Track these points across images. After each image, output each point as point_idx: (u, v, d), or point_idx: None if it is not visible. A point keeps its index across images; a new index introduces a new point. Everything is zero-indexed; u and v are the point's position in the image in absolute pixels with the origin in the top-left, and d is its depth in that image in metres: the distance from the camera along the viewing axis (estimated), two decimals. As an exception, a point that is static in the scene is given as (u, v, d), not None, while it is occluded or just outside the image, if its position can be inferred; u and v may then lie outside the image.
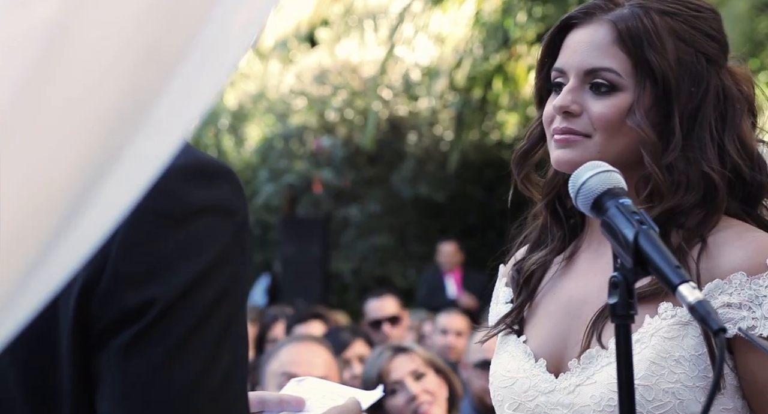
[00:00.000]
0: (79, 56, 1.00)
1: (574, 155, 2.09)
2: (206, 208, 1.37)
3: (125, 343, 1.33)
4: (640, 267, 1.71)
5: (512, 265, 2.29)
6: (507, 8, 11.54)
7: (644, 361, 2.01)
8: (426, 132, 14.48)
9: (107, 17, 1.01)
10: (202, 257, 1.36)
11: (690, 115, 2.09)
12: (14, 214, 0.99)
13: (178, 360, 1.34)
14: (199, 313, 1.35)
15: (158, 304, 1.33)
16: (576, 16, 2.15)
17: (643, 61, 2.07)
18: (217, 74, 1.10)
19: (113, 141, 1.03)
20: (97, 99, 1.01)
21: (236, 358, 1.39)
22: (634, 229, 1.72)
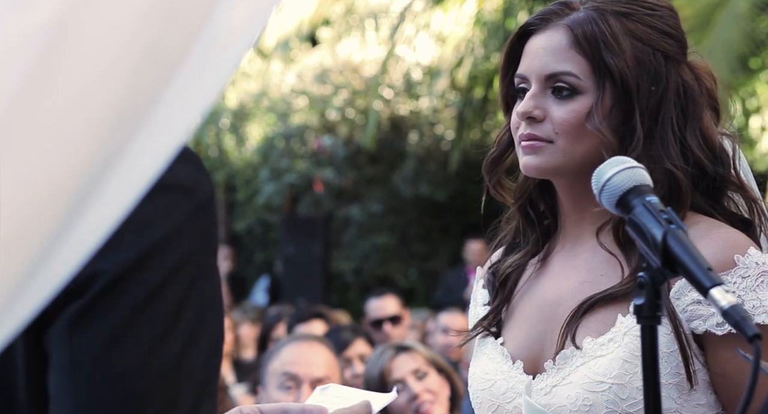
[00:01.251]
0: (80, 56, 1.00)
1: (540, 161, 2.12)
2: (166, 185, 1.32)
3: (71, 317, 1.30)
4: (668, 267, 1.67)
5: (488, 268, 2.33)
6: (508, 7, 11.54)
7: (617, 359, 2.03)
8: (427, 131, 14.49)
9: (108, 17, 1.01)
10: (153, 232, 1.32)
11: (651, 114, 2.11)
12: (14, 214, 0.99)
13: (126, 335, 1.30)
14: (149, 288, 1.31)
15: (104, 276, 1.29)
16: (533, 22, 2.18)
17: (601, 64, 2.10)
18: (219, 73, 1.09)
19: (114, 141, 1.03)
20: (97, 99, 1.01)
21: (193, 341, 1.34)
22: (662, 229, 1.68)
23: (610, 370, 2.03)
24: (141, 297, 1.31)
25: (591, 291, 2.12)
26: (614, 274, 2.11)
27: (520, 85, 2.18)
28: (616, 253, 2.11)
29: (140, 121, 1.04)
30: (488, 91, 12.71)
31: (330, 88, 14.73)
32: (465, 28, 12.59)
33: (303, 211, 15.02)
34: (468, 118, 12.88)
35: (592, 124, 2.09)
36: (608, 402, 2.02)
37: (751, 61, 9.87)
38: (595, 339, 2.07)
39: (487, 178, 2.29)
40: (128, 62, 1.02)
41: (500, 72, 2.25)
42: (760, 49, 9.61)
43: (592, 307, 2.10)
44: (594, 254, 2.16)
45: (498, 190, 2.28)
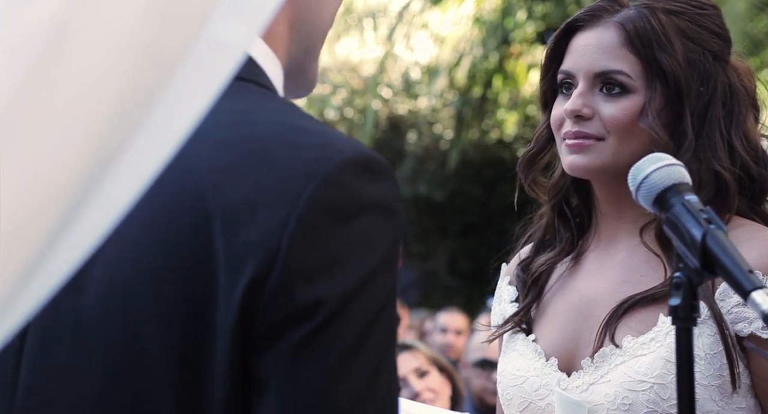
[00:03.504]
0: (80, 55, 1.00)
1: (588, 160, 2.09)
2: (373, 204, 1.28)
3: (295, 345, 1.22)
4: (707, 268, 1.63)
5: (517, 264, 2.29)
6: (506, 7, 11.54)
7: (659, 359, 2.01)
8: (426, 131, 14.49)
9: (107, 16, 1.01)
10: (372, 255, 1.26)
11: (700, 115, 2.08)
12: (14, 213, 0.99)
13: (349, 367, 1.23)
14: (368, 317, 1.24)
15: (330, 302, 1.22)
16: (582, 18, 2.13)
17: (653, 63, 2.06)
18: (218, 74, 1.09)
19: (113, 140, 1.03)
20: (97, 98, 1.01)
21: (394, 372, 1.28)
22: (702, 229, 1.63)
23: (651, 370, 2.00)
24: (363, 325, 1.24)
25: (630, 291, 2.09)
26: (654, 274, 2.09)
27: (564, 82, 2.14)
28: (660, 254, 2.08)
29: (139, 120, 1.04)
30: (486, 91, 12.71)
31: (328, 87, 14.73)
32: (463, 28, 12.59)
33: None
34: (466, 117, 12.88)
35: (645, 121, 2.05)
36: (649, 401, 2.00)
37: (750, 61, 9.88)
38: (635, 338, 2.04)
39: (523, 176, 2.22)
40: (128, 62, 1.01)
41: (542, 67, 2.20)
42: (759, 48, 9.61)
43: (632, 306, 2.07)
44: (633, 254, 2.13)
45: (533, 188, 2.23)
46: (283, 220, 1.22)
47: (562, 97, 2.13)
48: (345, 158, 1.26)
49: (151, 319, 1.27)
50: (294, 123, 1.31)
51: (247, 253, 1.22)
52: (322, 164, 1.24)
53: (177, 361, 1.27)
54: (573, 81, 2.12)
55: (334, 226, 1.25)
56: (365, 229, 1.27)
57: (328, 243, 1.24)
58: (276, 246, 1.22)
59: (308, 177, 1.24)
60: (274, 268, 1.22)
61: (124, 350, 1.30)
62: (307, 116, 1.34)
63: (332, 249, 1.24)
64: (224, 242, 1.23)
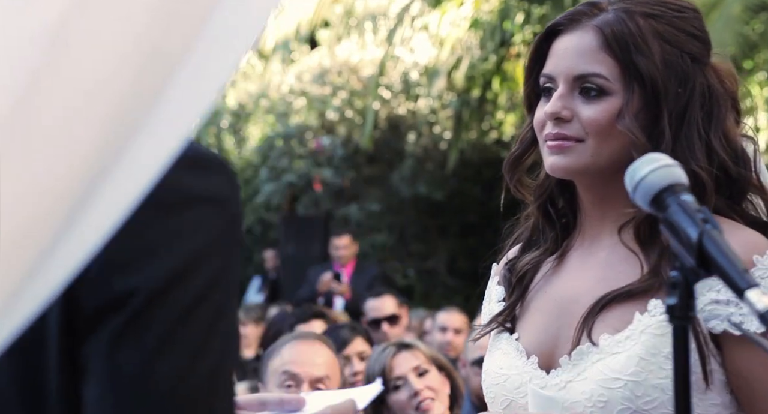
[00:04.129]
0: (81, 59, 1.00)
1: (568, 161, 2.12)
2: (199, 197, 1.34)
3: (112, 331, 1.29)
4: (703, 268, 1.63)
5: (504, 265, 2.31)
6: (504, 9, 11.54)
7: (634, 357, 2.03)
8: (425, 131, 14.47)
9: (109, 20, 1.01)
10: (191, 246, 1.32)
11: (678, 116, 2.10)
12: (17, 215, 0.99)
13: (167, 350, 1.30)
14: (187, 303, 1.31)
15: (144, 290, 1.29)
16: (561, 22, 2.16)
17: (630, 65, 2.09)
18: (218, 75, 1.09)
19: (115, 143, 1.03)
20: (98, 101, 1.01)
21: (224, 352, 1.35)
22: (698, 229, 1.64)
23: (626, 367, 2.02)
24: (180, 311, 1.30)
25: (608, 288, 2.11)
26: (632, 271, 2.11)
27: (545, 85, 2.17)
28: (637, 252, 2.10)
29: (141, 122, 1.04)
30: (485, 92, 12.70)
31: (329, 88, 14.71)
32: (462, 30, 12.58)
33: (302, 211, 14.99)
34: (465, 118, 12.87)
35: (623, 123, 2.08)
36: (624, 399, 2.02)
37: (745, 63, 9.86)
38: (611, 336, 2.06)
39: (508, 176, 2.25)
40: (130, 64, 1.02)
41: (525, 71, 2.23)
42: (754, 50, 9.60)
43: (609, 303, 2.09)
44: (612, 252, 2.15)
45: (518, 189, 2.26)
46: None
47: (545, 100, 2.16)
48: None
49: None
50: None
51: None
52: None
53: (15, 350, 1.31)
54: (554, 84, 2.15)
55: (155, 219, 1.30)
56: (189, 220, 1.31)
57: (149, 234, 1.30)
58: None
59: None
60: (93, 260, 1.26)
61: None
62: None
63: (152, 240, 1.30)
64: None
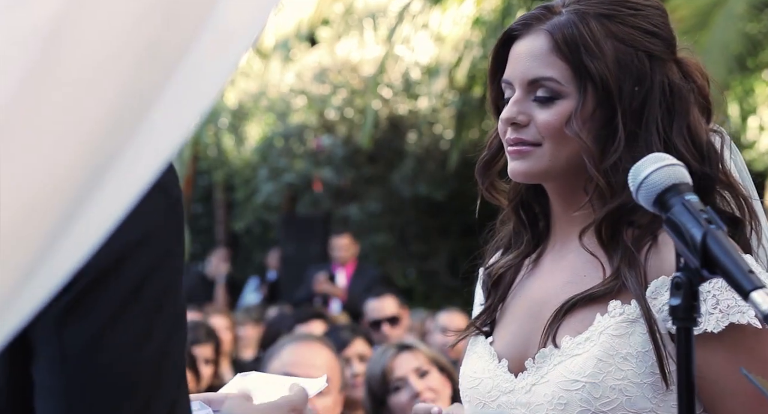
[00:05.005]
0: (79, 55, 1.00)
1: (527, 166, 2.14)
2: None
3: (58, 312, 1.34)
4: (707, 269, 1.63)
5: (485, 269, 2.34)
6: (506, 7, 11.54)
7: (592, 358, 2.04)
8: (426, 131, 14.49)
9: (107, 16, 1.01)
10: (135, 229, 1.36)
11: (634, 114, 2.10)
12: (13, 214, 0.99)
13: (112, 331, 1.35)
14: (130, 286, 1.36)
15: (87, 274, 1.33)
16: (515, 28, 2.19)
17: (581, 67, 2.10)
18: (218, 73, 1.09)
19: (113, 140, 1.03)
20: (96, 98, 1.01)
21: (171, 332, 1.40)
22: (702, 229, 1.64)
23: (584, 369, 2.04)
24: (125, 292, 1.36)
25: (574, 291, 2.12)
26: (596, 274, 2.12)
27: (506, 90, 2.20)
28: (599, 255, 2.11)
29: (139, 120, 1.04)
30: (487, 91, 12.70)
31: (329, 87, 14.72)
32: (463, 28, 12.59)
33: (302, 211, 15.01)
34: (466, 117, 12.88)
35: (570, 128, 2.09)
36: (582, 400, 2.03)
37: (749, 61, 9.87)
38: (572, 338, 2.08)
39: (480, 181, 2.29)
40: (127, 62, 1.01)
41: (488, 77, 2.27)
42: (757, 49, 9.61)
43: (573, 307, 2.10)
44: (578, 255, 2.17)
45: (492, 193, 2.29)
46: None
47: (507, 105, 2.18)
48: None
49: None
50: None
51: None
52: None
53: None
54: (512, 89, 2.17)
55: None
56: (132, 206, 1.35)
57: None
58: None
59: None
60: None
61: None
62: None
63: None
64: None
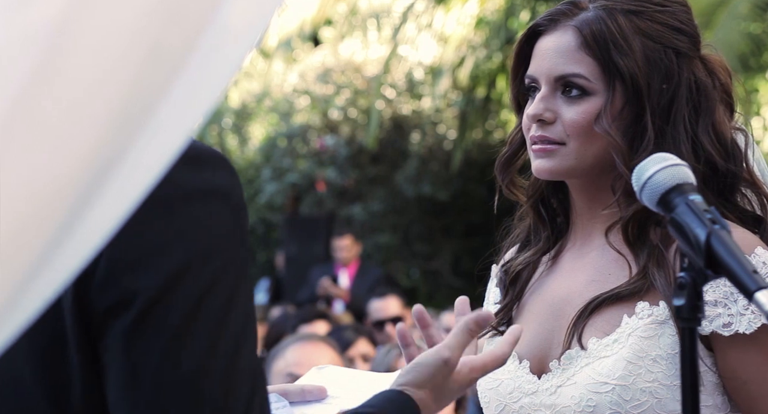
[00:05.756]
0: (82, 56, 1.00)
1: (552, 164, 2.12)
2: (202, 192, 1.36)
3: (125, 329, 1.33)
4: (711, 269, 1.62)
5: (500, 266, 2.31)
6: (510, 7, 11.54)
7: (621, 360, 2.02)
8: (429, 131, 14.48)
9: (110, 16, 1.01)
10: (195, 242, 1.34)
11: (662, 112, 2.09)
12: (17, 214, 0.99)
13: (181, 344, 1.33)
14: (196, 297, 1.33)
15: (151, 289, 1.32)
16: (541, 23, 2.17)
17: (610, 64, 2.08)
18: (221, 74, 1.09)
19: (117, 141, 1.03)
20: (100, 99, 1.01)
21: (240, 341, 1.38)
22: (706, 229, 1.63)
23: (613, 371, 2.02)
24: (191, 304, 1.33)
25: (598, 290, 2.10)
26: (622, 273, 2.10)
27: (530, 86, 2.17)
28: (625, 253, 2.10)
29: (143, 121, 1.04)
30: (490, 91, 12.70)
31: (332, 87, 14.72)
32: (467, 28, 12.58)
33: (305, 211, 15.01)
34: (470, 117, 12.87)
35: (600, 125, 2.07)
36: (612, 403, 2.02)
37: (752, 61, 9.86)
38: (599, 339, 2.06)
39: (500, 177, 2.26)
40: (131, 62, 1.01)
41: (510, 72, 2.23)
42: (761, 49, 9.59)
43: (598, 306, 2.09)
44: (602, 253, 2.15)
45: (511, 190, 2.26)
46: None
47: (530, 101, 2.16)
48: None
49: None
50: None
51: None
52: None
53: (38, 348, 1.37)
54: (537, 85, 2.15)
55: (158, 217, 1.33)
56: (192, 216, 1.35)
57: (151, 232, 1.33)
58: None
59: None
60: (99, 261, 1.32)
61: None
62: None
63: (156, 238, 1.33)
64: None
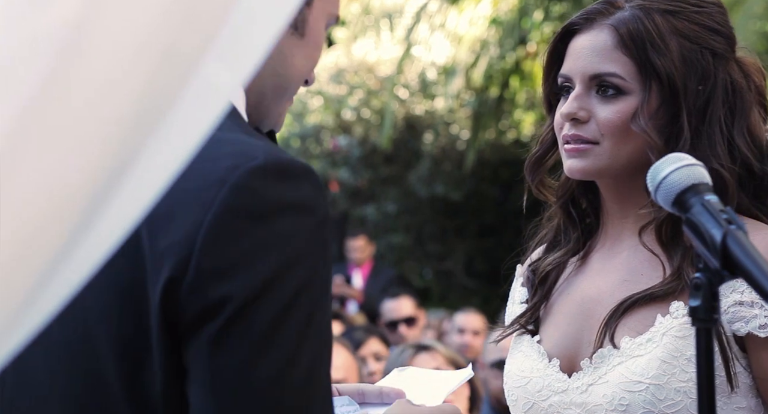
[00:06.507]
0: (97, 57, 1.00)
1: (585, 164, 2.10)
2: (287, 205, 1.41)
3: (211, 336, 1.38)
4: (727, 270, 1.60)
5: (527, 266, 2.30)
6: (523, 7, 11.51)
7: (655, 359, 2.01)
8: (442, 131, 14.46)
9: (125, 18, 1.01)
10: (281, 253, 1.39)
11: (698, 113, 2.08)
12: (32, 216, 0.99)
13: (263, 353, 1.37)
14: (280, 308, 1.38)
15: (238, 298, 1.37)
16: (577, 22, 2.15)
17: (647, 64, 2.07)
18: (236, 75, 1.09)
19: (131, 143, 1.03)
20: (114, 101, 1.01)
21: (318, 353, 1.42)
22: (722, 229, 1.61)
23: (647, 370, 2.01)
24: (275, 314, 1.38)
25: (630, 290, 2.10)
26: (654, 273, 2.09)
27: (563, 85, 2.16)
28: (658, 253, 2.09)
29: (157, 122, 1.04)
30: (503, 91, 12.68)
31: (345, 88, 14.72)
32: (480, 28, 12.56)
33: (318, 211, 14.98)
34: (483, 117, 12.85)
35: (637, 124, 2.06)
36: (645, 402, 2.01)
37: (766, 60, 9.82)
38: (633, 339, 2.05)
39: (530, 177, 2.25)
40: (145, 63, 1.02)
41: (543, 71, 2.22)
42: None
43: (631, 306, 2.08)
44: (634, 253, 2.14)
45: (540, 190, 2.25)
46: (197, 225, 1.37)
47: (563, 100, 2.15)
48: (256, 165, 1.39)
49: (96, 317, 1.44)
50: (215, 136, 1.44)
51: (165, 256, 1.38)
52: (233, 172, 1.40)
53: (120, 353, 1.42)
54: (571, 84, 2.14)
55: (245, 228, 1.38)
56: (278, 229, 1.40)
57: (239, 243, 1.38)
58: (190, 249, 1.38)
59: (220, 184, 1.39)
60: (188, 268, 1.37)
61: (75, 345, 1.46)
62: (235, 128, 1.50)
63: (243, 249, 1.38)
64: (149, 245, 1.40)
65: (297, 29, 1.63)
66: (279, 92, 1.65)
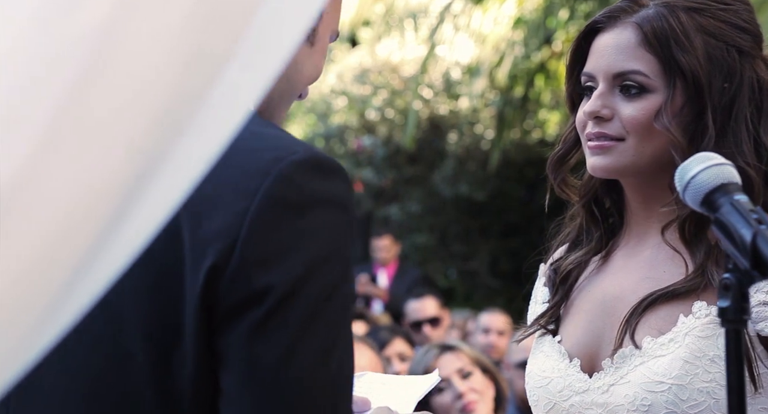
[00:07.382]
0: (127, 61, 1.01)
1: (609, 161, 2.09)
2: (325, 200, 1.43)
3: (251, 325, 1.39)
4: (757, 270, 1.59)
5: (549, 265, 2.30)
6: (548, 6, 11.48)
7: (678, 360, 2.00)
8: (467, 131, 14.44)
9: (153, 24, 1.01)
10: (319, 245, 1.41)
11: (724, 111, 2.07)
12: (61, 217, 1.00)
13: (301, 345, 1.39)
14: (319, 299, 1.40)
15: (280, 287, 1.38)
16: (600, 20, 2.14)
17: (671, 61, 2.06)
18: (262, 76, 1.10)
19: (160, 144, 1.04)
20: (143, 104, 1.02)
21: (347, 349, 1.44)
22: (752, 229, 1.60)
23: (670, 371, 2.01)
24: (312, 307, 1.40)
25: (652, 287, 2.08)
26: (677, 271, 2.08)
27: (586, 84, 2.15)
28: (681, 251, 2.07)
29: (185, 124, 1.05)
30: (528, 91, 12.65)
31: (369, 88, 14.72)
32: (504, 28, 12.53)
33: (343, 211, 14.99)
34: (508, 117, 12.82)
35: (660, 122, 2.05)
36: (668, 402, 2.00)
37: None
38: (654, 339, 2.04)
39: (552, 176, 2.24)
40: (174, 66, 1.02)
41: (566, 70, 2.21)
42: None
43: (652, 303, 2.07)
44: (657, 251, 2.13)
45: (563, 189, 2.24)
46: (241, 214, 1.39)
47: (586, 99, 2.14)
48: (298, 158, 1.42)
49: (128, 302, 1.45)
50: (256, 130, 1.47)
51: (209, 243, 1.40)
52: (276, 164, 1.41)
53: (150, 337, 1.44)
54: (594, 82, 2.13)
55: (287, 219, 1.40)
56: (316, 221, 1.42)
57: (281, 234, 1.40)
58: (234, 237, 1.39)
59: (264, 175, 1.41)
60: (232, 256, 1.39)
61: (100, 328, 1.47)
62: (272, 124, 1.54)
63: (284, 239, 1.40)
64: (189, 232, 1.41)
65: (308, 38, 1.66)
66: (286, 97, 1.68)
